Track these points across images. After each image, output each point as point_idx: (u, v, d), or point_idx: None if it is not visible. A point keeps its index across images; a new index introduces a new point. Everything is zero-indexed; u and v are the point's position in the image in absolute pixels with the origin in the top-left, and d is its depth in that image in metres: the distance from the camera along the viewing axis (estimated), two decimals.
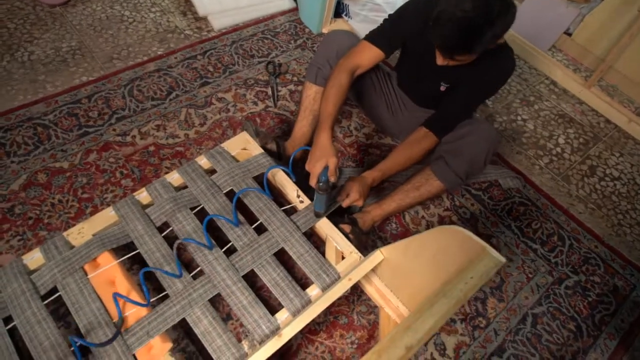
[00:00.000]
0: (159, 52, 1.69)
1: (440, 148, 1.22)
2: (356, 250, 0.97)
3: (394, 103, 1.40)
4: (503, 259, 0.69)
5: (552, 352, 1.19)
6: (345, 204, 1.08)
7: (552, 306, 1.28)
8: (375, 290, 0.98)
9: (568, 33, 2.10)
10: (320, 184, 0.97)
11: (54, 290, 0.89)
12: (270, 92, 1.61)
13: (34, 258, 0.92)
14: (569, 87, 1.95)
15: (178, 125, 1.47)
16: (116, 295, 0.83)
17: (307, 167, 1.04)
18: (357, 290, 1.19)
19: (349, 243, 0.98)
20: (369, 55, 1.19)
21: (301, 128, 1.30)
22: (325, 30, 1.88)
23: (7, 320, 0.85)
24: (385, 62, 1.70)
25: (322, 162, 1.00)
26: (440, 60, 1.04)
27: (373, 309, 1.16)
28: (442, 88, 1.22)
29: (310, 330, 1.11)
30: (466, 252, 0.72)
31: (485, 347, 1.17)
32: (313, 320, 1.11)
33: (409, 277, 0.88)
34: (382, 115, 1.43)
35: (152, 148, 1.39)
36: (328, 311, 1.15)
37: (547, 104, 1.88)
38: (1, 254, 1.14)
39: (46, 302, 0.87)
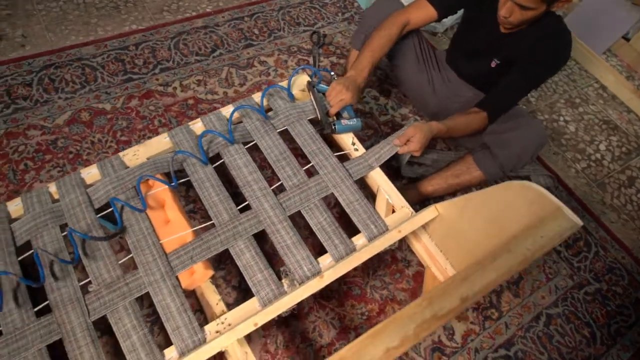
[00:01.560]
0: (208, 9, 1.71)
1: (486, 138, 1.20)
2: (408, 205, 0.95)
3: (437, 78, 1.38)
4: (580, 222, 0.66)
5: (562, 354, 1.17)
6: (401, 150, 1.02)
7: (568, 309, 1.25)
8: (423, 249, 0.96)
9: (626, 38, 2.05)
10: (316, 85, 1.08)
11: (107, 206, 0.89)
12: (311, 61, 1.61)
13: (91, 173, 0.93)
14: (619, 94, 1.90)
15: (218, 82, 1.49)
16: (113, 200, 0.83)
17: (328, 95, 1.07)
18: (373, 264, 1.19)
19: (401, 197, 0.96)
20: (421, 13, 1.18)
21: None
22: None
23: (63, 227, 0.86)
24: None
25: (343, 92, 1.04)
26: (503, 11, 1.01)
27: (387, 286, 1.16)
28: (493, 64, 1.21)
29: (322, 296, 1.12)
30: (536, 211, 0.69)
31: (494, 339, 1.15)
32: (327, 287, 1.12)
33: (463, 237, 0.86)
34: (422, 89, 1.41)
35: (191, 101, 1.41)
36: (342, 280, 1.15)
37: (593, 108, 1.84)
38: (42, 182, 1.16)
39: (99, 215, 0.88)
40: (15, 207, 0.88)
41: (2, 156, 1.19)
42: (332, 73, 1.14)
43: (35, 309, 0.79)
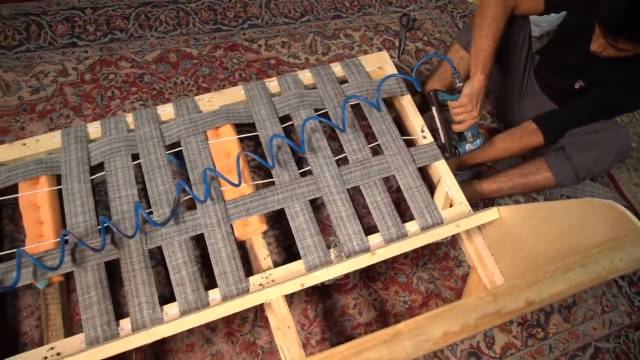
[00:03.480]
0: None
1: (563, 139, 1.14)
2: (467, 203, 0.93)
3: (523, 86, 1.32)
4: None
5: None
6: (458, 118, 1.00)
7: (620, 348, 1.18)
8: (473, 249, 0.94)
9: None
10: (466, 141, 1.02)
11: (176, 145, 0.93)
12: (397, 44, 1.57)
13: (166, 111, 0.96)
14: None
15: (302, 48, 1.49)
16: (207, 170, 0.85)
17: (456, 110, 1.00)
18: (424, 256, 1.17)
19: (461, 192, 0.94)
20: (528, 2, 1.06)
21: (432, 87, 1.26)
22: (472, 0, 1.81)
23: (135, 157, 0.91)
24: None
25: (471, 113, 0.98)
26: (595, 46, 0.93)
27: (435, 280, 1.14)
28: (577, 86, 1.13)
29: (369, 276, 1.12)
30: (615, 233, 0.65)
31: (535, 358, 1.11)
32: (374, 269, 1.13)
33: (520, 245, 0.83)
34: (509, 91, 1.33)
35: (273, 61, 1.43)
36: (390, 265, 1.14)
37: None
38: (124, 112, 1.22)
39: (168, 152, 0.91)
40: (94, 129, 0.93)
41: (94, 80, 1.26)
42: (459, 81, 1.01)
43: (99, 227, 0.83)
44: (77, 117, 1.20)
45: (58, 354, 0.74)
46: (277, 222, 1.12)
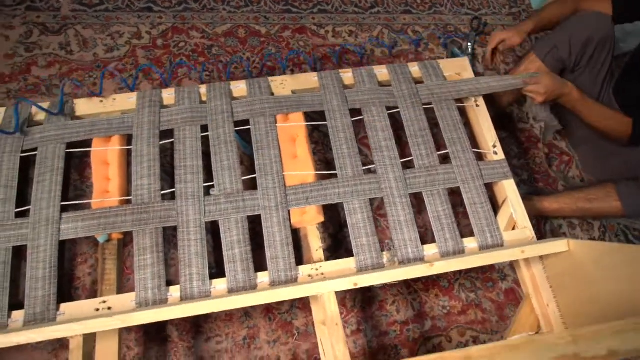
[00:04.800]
0: None
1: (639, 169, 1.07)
2: (531, 228, 0.89)
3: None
4: None
5: None
6: (527, 89, 1.02)
7: None
8: (529, 277, 0.90)
9: None
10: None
11: (244, 123, 0.93)
12: (464, 46, 1.51)
13: (239, 88, 0.96)
14: None
15: (369, 39, 1.46)
16: None
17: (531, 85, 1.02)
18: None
19: (527, 216, 0.90)
20: (597, 5, 1.07)
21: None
22: None
23: (204, 129, 0.91)
24: None
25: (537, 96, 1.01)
26: None
27: (476, 290, 1.11)
28: None
29: None
30: None
31: None
32: None
33: (586, 285, 0.78)
34: None
35: (338, 48, 1.40)
36: None
37: None
38: (190, 80, 1.23)
39: (236, 129, 0.91)
40: (168, 95, 0.94)
41: (165, 46, 1.28)
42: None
43: (163, 192, 0.85)
44: (146, 80, 1.22)
45: (109, 308, 0.76)
46: (329, 210, 1.11)
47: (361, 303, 1.04)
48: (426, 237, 1.13)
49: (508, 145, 1.37)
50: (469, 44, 1.25)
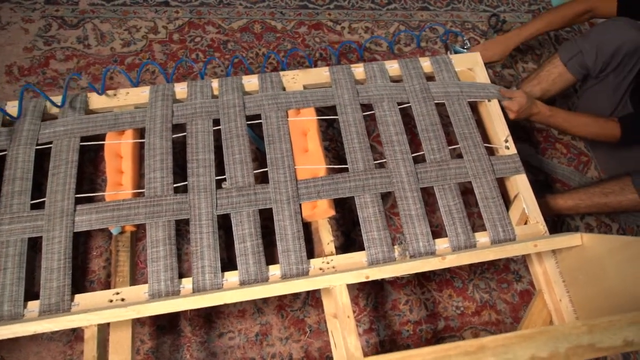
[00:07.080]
0: None
1: None
2: (543, 223, 0.88)
3: (613, 108, 1.23)
4: None
5: None
6: (503, 103, 1.02)
7: None
8: (541, 272, 0.89)
9: None
10: None
11: (256, 117, 0.93)
12: (481, 42, 1.51)
13: (251, 82, 0.96)
14: None
15: (385, 35, 1.46)
16: None
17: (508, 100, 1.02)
18: (483, 264, 1.13)
19: (539, 212, 0.89)
20: (604, 5, 1.08)
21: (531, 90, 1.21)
22: None
23: (215, 123, 0.92)
24: None
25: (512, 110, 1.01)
26: None
27: (491, 291, 1.10)
28: None
29: (424, 275, 1.09)
30: None
31: None
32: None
33: (600, 279, 0.78)
34: (600, 110, 1.26)
35: (354, 45, 1.40)
36: (448, 268, 1.10)
37: None
38: (205, 76, 1.23)
39: (248, 122, 0.91)
40: (180, 89, 0.95)
41: (181, 41, 1.30)
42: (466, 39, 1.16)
43: (175, 185, 0.85)
44: (162, 75, 1.23)
45: (123, 299, 0.77)
46: (341, 207, 1.11)
47: (374, 302, 1.04)
48: (440, 236, 1.12)
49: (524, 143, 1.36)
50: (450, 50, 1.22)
